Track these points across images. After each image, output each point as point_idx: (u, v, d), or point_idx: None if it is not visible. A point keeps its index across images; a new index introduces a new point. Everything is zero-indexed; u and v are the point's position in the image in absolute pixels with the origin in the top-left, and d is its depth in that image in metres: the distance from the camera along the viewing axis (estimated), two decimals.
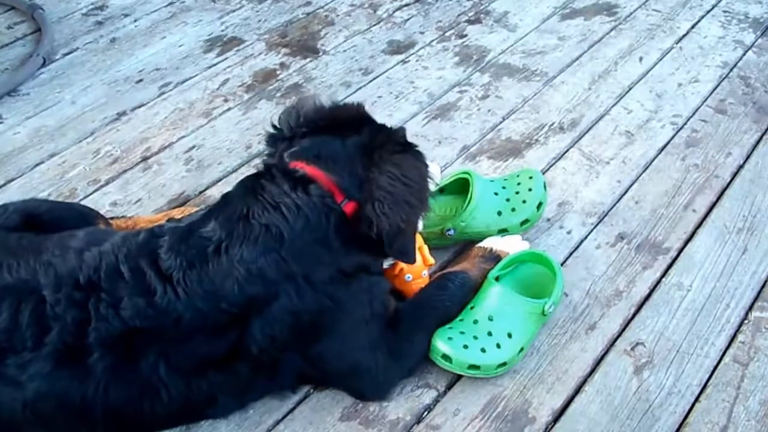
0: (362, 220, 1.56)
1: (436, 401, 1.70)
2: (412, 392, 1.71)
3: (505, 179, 2.06)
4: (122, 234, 1.61)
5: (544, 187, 2.02)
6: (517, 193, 2.01)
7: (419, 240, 1.89)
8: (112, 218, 2.03)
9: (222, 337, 1.51)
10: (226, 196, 1.64)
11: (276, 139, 1.70)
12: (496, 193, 2.00)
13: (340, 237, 1.56)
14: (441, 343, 1.69)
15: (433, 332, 1.72)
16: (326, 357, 1.64)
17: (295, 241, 1.52)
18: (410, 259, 1.68)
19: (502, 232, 1.98)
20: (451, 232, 1.96)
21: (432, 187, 1.68)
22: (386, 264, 1.80)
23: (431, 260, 1.87)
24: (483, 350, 1.69)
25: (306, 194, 1.55)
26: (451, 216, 2.00)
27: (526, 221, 1.99)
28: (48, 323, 1.44)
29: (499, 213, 1.98)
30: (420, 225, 1.77)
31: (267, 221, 1.52)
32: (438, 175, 2.16)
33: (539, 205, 2.00)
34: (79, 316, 1.45)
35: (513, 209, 1.98)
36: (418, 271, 1.83)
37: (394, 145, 1.63)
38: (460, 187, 2.04)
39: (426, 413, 1.68)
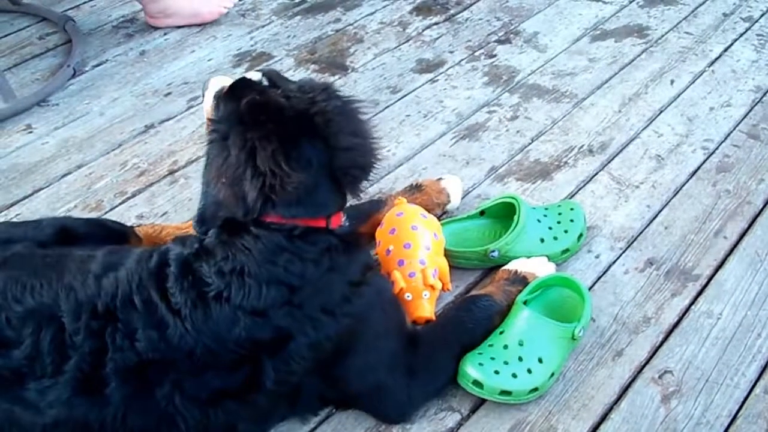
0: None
1: (459, 425, 1.67)
2: (435, 415, 1.68)
3: (546, 208, 2.08)
4: (136, 257, 1.56)
5: (584, 220, 2.05)
6: (558, 222, 2.02)
7: (441, 263, 1.88)
8: (139, 225, 2.02)
9: (236, 372, 1.49)
10: (215, 241, 1.54)
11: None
12: (539, 221, 2.01)
13: (342, 253, 1.54)
14: (472, 369, 1.67)
15: (457, 354, 1.70)
16: (347, 377, 1.62)
17: (305, 287, 1.49)
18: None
19: None
20: (495, 253, 1.95)
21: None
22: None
23: (444, 285, 1.86)
24: (514, 375, 1.67)
25: (307, 243, 1.51)
26: (493, 239, 2.01)
27: (566, 250, 2.00)
28: (67, 351, 1.44)
29: (542, 240, 1.98)
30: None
31: (267, 277, 1.47)
32: (459, 191, 2.16)
33: (580, 236, 2.02)
34: (96, 345, 1.44)
35: (555, 238, 2.00)
36: (418, 292, 1.82)
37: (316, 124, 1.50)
38: (502, 211, 2.05)
39: None
